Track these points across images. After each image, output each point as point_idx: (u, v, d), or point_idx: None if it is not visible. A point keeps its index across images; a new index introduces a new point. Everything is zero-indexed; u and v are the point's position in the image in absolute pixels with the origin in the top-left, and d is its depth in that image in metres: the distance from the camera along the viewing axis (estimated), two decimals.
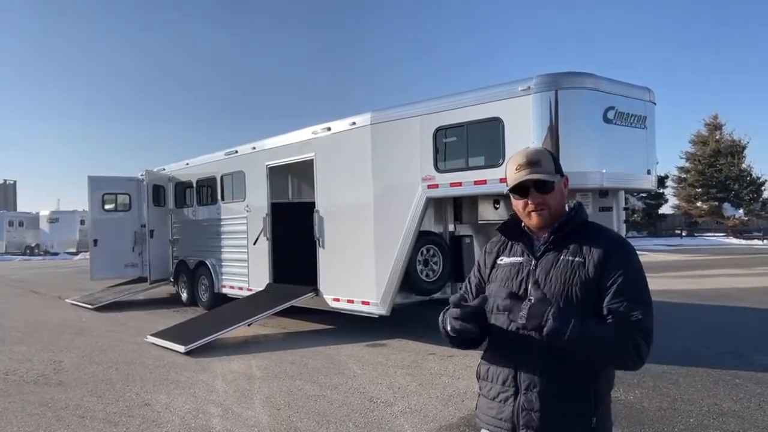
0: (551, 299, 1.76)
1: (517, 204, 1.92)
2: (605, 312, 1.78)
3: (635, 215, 38.33)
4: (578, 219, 1.91)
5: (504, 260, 1.97)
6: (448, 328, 1.85)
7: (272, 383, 5.94)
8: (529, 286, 1.80)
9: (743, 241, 35.16)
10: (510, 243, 1.99)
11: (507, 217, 7.32)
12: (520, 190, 1.88)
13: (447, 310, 1.90)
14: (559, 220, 1.89)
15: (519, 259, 1.93)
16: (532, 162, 1.87)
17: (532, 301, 1.72)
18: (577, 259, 1.83)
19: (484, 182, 6.52)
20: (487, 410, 1.90)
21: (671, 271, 17.11)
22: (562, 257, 1.85)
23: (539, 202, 1.87)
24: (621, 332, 1.73)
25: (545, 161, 1.88)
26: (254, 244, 9.72)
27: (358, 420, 4.78)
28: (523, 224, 1.96)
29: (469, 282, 2.08)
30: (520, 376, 1.81)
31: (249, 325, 8.27)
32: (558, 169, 1.91)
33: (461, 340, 1.88)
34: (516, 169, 1.88)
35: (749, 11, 78.96)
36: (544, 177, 1.85)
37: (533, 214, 1.88)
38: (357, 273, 7.80)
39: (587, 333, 1.70)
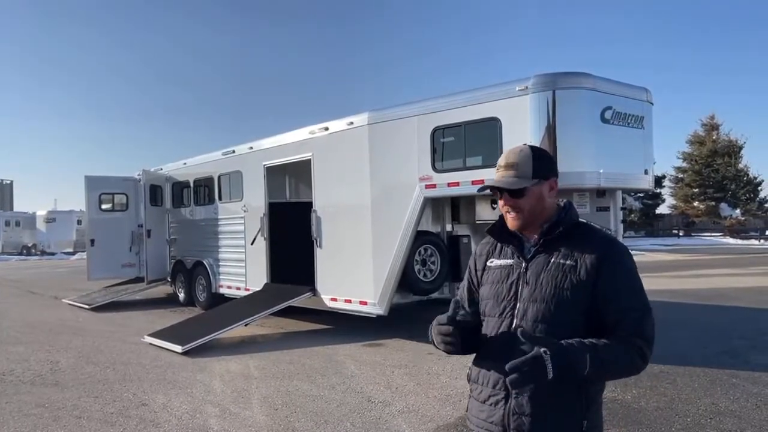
0: (551, 339, 1.71)
1: (499, 203, 1.93)
2: (606, 320, 1.78)
3: (632, 215, 38.37)
4: (569, 220, 1.89)
5: (494, 262, 1.95)
6: (437, 346, 1.86)
7: (270, 383, 5.93)
8: (520, 336, 1.73)
9: (740, 241, 35.19)
10: (500, 245, 1.97)
11: None
12: (499, 189, 1.89)
13: (431, 326, 1.89)
14: (549, 222, 1.87)
15: (509, 261, 1.91)
16: (509, 164, 1.87)
17: (550, 353, 1.65)
18: (568, 262, 1.81)
19: (481, 182, 6.52)
20: (478, 413, 1.89)
21: (668, 270, 17.13)
22: (552, 260, 1.83)
23: (511, 204, 1.87)
24: (628, 350, 1.74)
25: (523, 164, 1.85)
26: (252, 244, 9.71)
27: (356, 420, 4.78)
28: None
29: (462, 287, 2.07)
30: None
31: (246, 325, 8.26)
32: (539, 172, 1.85)
33: (455, 351, 1.86)
34: (497, 170, 1.90)
35: (748, 13, 79.16)
36: (505, 184, 1.85)
37: (507, 215, 1.90)
38: (354, 273, 7.80)
39: (602, 361, 1.70)
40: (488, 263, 1.97)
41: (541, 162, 1.88)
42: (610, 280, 1.78)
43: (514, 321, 1.82)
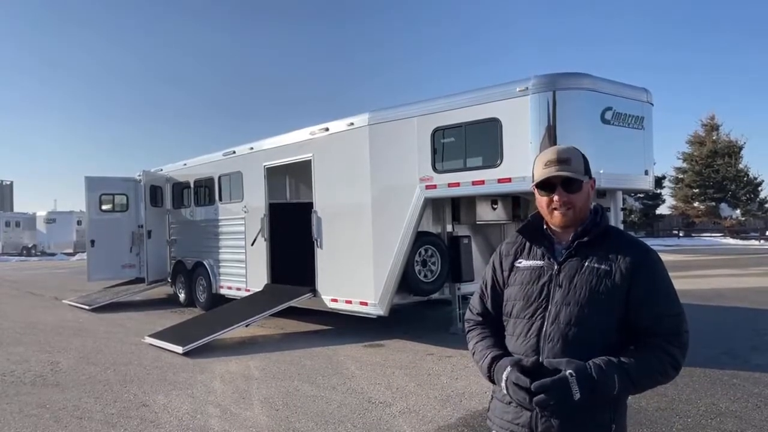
0: (576, 361, 1.70)
1: (542, 201, 1.89)
2: (641, 326, 1.78)
3: (632, 216, 38.36)
4: (602, 225, 1.88)
5: (523, 263, 1.92)
6: (508, 393, 1.78)
7: (270, 384, 5.93)
8: (545, 363, 1.74)
9: (740, 242, 35.18)
10: (529, 245, 1.94)
11: (504, 217, 7.36)
12: (547, 186, 1.85)
13: (496, 363, 1.83)
14: (583, 225, 1.86)
15: (539, 262, 1.89)
16: (562, 159, 1.84)
17: (576, 374, 1.66)
18: (603, 267, 1.80)
19: (482, 183, 6.53)
20: (503, 414, 1.87)
21: (669, 271, 17.07)
22: (586, 264, 1.82)
23: (565, 200, 1.84)
24: (661, 359, 1.74)
25: (575, 160, 1.85)
26: (252, 244, 9.72)
27: (357, 420, 4.78)
28: (545, 226, 1.92)
29: (484, 284, 2.03)
30: None
31: (247, 326, 8.26)
32: (587, 170, 1.87)
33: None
34: (545, 165, 1.85)
35: (748, 14, 79.17)
36: (573, 175, 1.82)
37: (557, 212, 1.85)
38: (355, 273, 7.80)
39: (632, 378, 1.71)
40: (516, 263, 1.94)
41: (586, 160, 1.90)
42: (645, 286, 1.78)
43: (545, 324, 1.81)
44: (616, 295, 1.77)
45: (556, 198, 1.84)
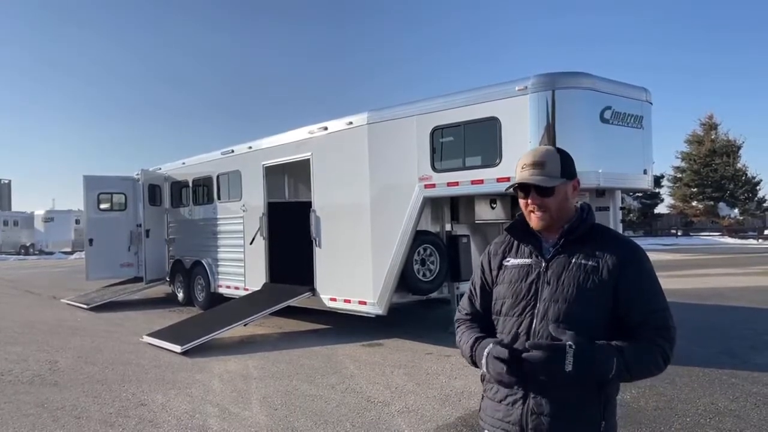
0: (581, 339, 1.71)
1: (522, 202, 1.92)
2: (629, 322, 1.80)
3: (631, 215, 38.42)
4: (588, 222, 1.90)
5: (511, 261, 1.94)
6: (487, 370, 1.81)
7: (269, 383, 5.93)
8: (551, 329, 1.76)
9: (738, 241, 35.25)
10: (516, 244, 1.97)
11: (503, 216, 7.36)
12: (523, 189, 1.88)
13: (478, 343, 1.86)
14: (569, 223, 1.88)
15: (527, 260, 1.91)
16: (536, 163, 1.86)
17: (574, 347, 1.67)
18: (590, 263, 1.82)
19: (481, 182, 6.53)
20: (493, 413, 1.88)
21: (667, 270, 17.11)
22: (573, 260, 1.84)
23: (538, 204, 1.86)
24: (652, 350, 1.77)
25: (550, 163, 1.86)
26: (251, 243, 9.71)
27: (355, 420, 4.78)
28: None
29: (473, 285, 2.05)
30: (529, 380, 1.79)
31: (245, 325, 8.25)
32: (566, 172, 1.88)
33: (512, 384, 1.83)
34: (521, 169, 1.88)
35: (747, 15, 79.27)
36: (538, 182, 1.84)
37: (532, 214, 1.89)
38: (354, 273, 7.79)
39: (628, 364, 1.72)
40: (504, 262, 1.96)
41: (567, 161, 1.90)
42: (633, 282, 1.81)
43: (534, 321, 1.82)
44: (603, 290, 1.79)
45: (529, 201, 1.88)
